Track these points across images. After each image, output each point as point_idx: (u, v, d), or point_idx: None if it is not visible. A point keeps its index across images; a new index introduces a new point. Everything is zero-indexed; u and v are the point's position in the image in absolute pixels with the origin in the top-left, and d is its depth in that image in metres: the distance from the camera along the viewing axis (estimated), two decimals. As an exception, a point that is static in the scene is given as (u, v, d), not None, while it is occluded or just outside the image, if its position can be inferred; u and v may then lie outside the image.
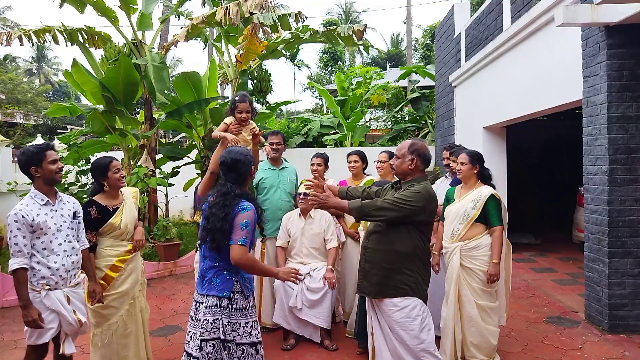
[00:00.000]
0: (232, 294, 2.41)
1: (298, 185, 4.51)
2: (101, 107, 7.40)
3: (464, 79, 8.29)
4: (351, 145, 12.84)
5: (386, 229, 2.91)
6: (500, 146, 7.51)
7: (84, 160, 7.37)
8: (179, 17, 18.53)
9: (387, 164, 4.25)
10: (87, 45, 7.66)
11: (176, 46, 7.67)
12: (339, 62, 30.50)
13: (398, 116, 14.70)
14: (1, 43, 6.89)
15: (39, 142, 2.95)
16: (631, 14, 3.92)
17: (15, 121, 19.37)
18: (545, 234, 9.11)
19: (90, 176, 7.33)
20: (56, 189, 2.92)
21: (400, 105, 14.48)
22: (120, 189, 3.29)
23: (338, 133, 13.34)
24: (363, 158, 4.46)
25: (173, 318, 4.97)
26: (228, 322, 2.38)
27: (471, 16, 8.38)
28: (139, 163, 7.42)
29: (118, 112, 7.25)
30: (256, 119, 8.72)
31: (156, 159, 7.81)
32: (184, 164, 8.36)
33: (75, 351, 2.93)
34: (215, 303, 2.39)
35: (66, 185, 6.95)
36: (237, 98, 3.41)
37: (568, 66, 4.94)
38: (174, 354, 3.95)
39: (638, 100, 4.28)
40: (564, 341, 4.17)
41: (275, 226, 4.31)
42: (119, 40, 14.69)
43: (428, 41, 24.07)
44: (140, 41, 7.71)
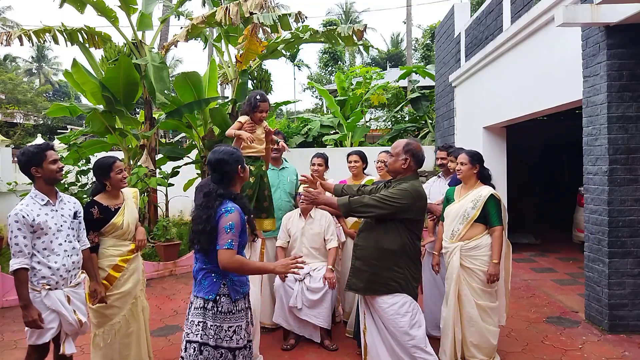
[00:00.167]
0: (218, 297, 2.37)
1: (298, 185, 4.51)
2: (101, 107, 7.40)
3: (464, 79, 8.29)
4: (351, 145, 12.85)
5: (375, 227, 2.95)
6: (500, 146, 7.51)
7: (84, 160, 7.37)
8: (179, 17, 18.58)
9: None
10: (87, 45, 7.67)
11: (176, 46, 7.68)
12: (339, 62, 30.52)
13: (398, 116, 14.71)
14: (1, 43, 6.90)
15: (39, 142, 2.95)
16: (631, 14, 3.92)
17: (15, 121, 19.37)
18: (545, 234, 9.11)
19: (90, 176, 7.39)
20: (56, 189, 2.93)
21: (400, 105, 14.49)
22: (121, 189, 3.30)
23: (338, 133, 13.34)
24: (363, 158, 4.46)
25: (173, 318, 4.97)
26: (211, 325, 2.35)
27: (471, 16, 8.39)
28: (139, 163, 7.42)
29: (118, 112, 7.26)
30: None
31: (156, 159, 7.82)
32: (184, 164, 8.36)
33: (75, 351, 2.93)
34: (201, 305, 2.39)
35: (66, 185, 6.95)
36: (258, 97, 3.33)
37: (568, 66, 4.94)
38: (174, 354, 3.95)
39: (638, 100, 4.28)
40: (564, 341, 4.18)
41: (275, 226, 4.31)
42: (119, 40, 14.69)
43: (428, 41, 24.08)
44: (140, 41, 7.71)
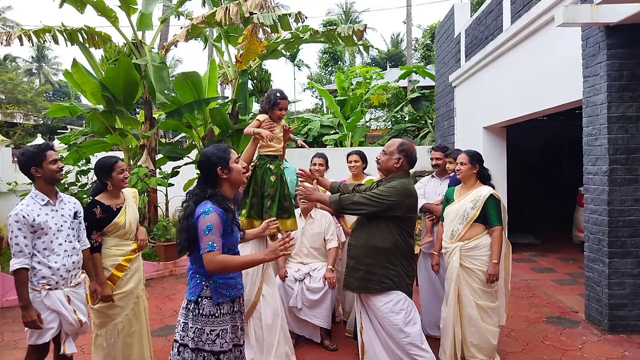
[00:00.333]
0: (200, 299, 2.34)
1: (298, 185, 4.51)
2: (101, 107, 7.40)
3: (464, 79, 8.29)
4: (351, 145, 12.85)
5: (367, 226, 2.99)
6: (500, 146, 7.51)
7: (84, 160, 7.38)
8: (179, 17, 18.56)
9: None
10: (87, 45, 7.67)
11: (176, 46, 7.68)
12: (339, 62, 30.52)
13: (398, 116, 14.71)
14: (1, 43, 6.90)
15: (39, 142, 2.95)
16: (631, 14, 3.92)
17: (15, 121, 19.36)
18: (545, 234, 9.11)
19: (90, 176, 7.39)
20: (57, 189, 2.93)
21: (400, 105, 14.50)
22: (122, 189, 3.31)
23: (338, 133, 13.34)
24: (363, 158, 4.46)
25: (173, 318, 4.97)
26: (191, 327, 2.32)
27: (471, 16, 8.38)
28: (139, 163, 7.42)
29: (118, 112, 7.26)
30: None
31: (156, 159, 7.82)
32: (184, 164, 8.36)
33: (75, 351, 2.93)
34: (185, 305, 2.39)
35: (66, 185, 6.95)
36: (278, 94, 3.27)
37: (568, 66, 4.94)
38: (174, 354, 3.95)
39: (638, 100, 4.28)
40: (564, 341, 4.18)
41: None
42: (119, 40, 14.69)
43: (428, 41, 24.08)
44: (140, 41, 7.71)
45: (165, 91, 7.30)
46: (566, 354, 3.91)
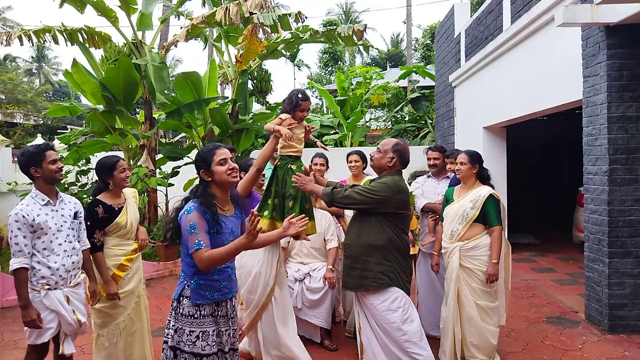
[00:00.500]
0: (181, 298, 2.33)
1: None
2: (101, 107, 7.40)
3: (464, 79, 8.29)
4: (351, 145, 12.85)
5: (361, 225, 3.01)
6: (500, 146, 7.51)
7: (84, 160, 7.38)
8: (179, 17, 18.57)
9: None
10: (87, 45, 7.67)
11: (176, 46, 7.68)
12: (339, 62, 30.51)
13: (398, 116, 14.72)
14: (1, 43, 6.90)
15: (39, 142, 2.95)
16: (631, 14, 3.92)
17: (15, 121, 19.37)
18: (545, 234, 9.11)
19: (90, 176, 7.39)
20: (57, 189, 2.93)
21: (400, 105, 14.50)
22: (123, 189, 3.31)
23: (338, 133, 13.35)
24: (363, 158, 4.46)
25: (173, 318, 4.97)
26: (173, 325, 2.32)
27: (471, 16, 8.39)
28: (139, 163, 7.42)
29: (118, 112, 7.26)
30: (256, 119, 8.76)
31: (156, 159, 7.81)
32: (184, 164, 8.35)
33: (74, 351, 2.93)
34: (171, 303, 2.39)
35: (66, 185, 6.95)
36: (300, 95, 3.18)
37: (568, 66, 4.94)
38: (174, 354, 3.95)
39: (638, 100, 4.28)
40: (564, 341, 4.18)
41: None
42: (119, 40, 14.70)
43: (428, 41, 24.08)
44: (140, 41, 7.71)
45: (165, 91, 7.30)
46: (566, 354, 3.91)
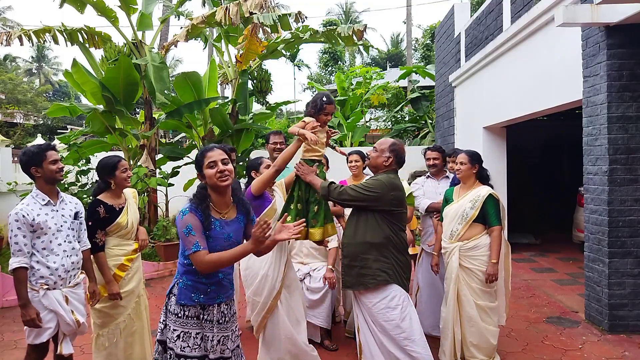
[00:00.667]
0: (170, 294, 2.35)
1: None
2: (101, 107, 7.40)
3: (464, 79, 8.29)
4: (351, 145, 12.85)
5: (358, 223, 3.03)
6: (500, 146, 7.51)
7: (84, 160, 7.37)
8: (179, 17, 18.58)
9: None
10: (87, 45, 7.66)
11: (176, 46, 7.68)
12: (339, 62, 30.51)
13: (398, 116, 14.72)
14: (1, 43, 6.90)
15: (40, 142, 2.95)
16: (631, 14, 3.92)
17: (15, 121, 19.37)
18: (545, 234, 9.11)
19: (90, 176, 7.39)
20: (58, 189, 2.93)
21: (400, 105, 14.51)
22: (123, 189, 3.31)
23: (338, 133, 13.34)
24: (363, 158, 4.46)
25: (173, 318, 4.97)
26: (163, 320, 2.36)
27: (471, 16, 8.39)
28: (139, 163, 7.42)
29: (118, 112, 7.26)
30: (256, 119, 8.76)
31: (156, 159, 7.81)
32: (184, 164, 8.35)
33: (72, 351, 2.93)
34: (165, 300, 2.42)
35: (66, 185, 6.95)
36: (325, 99, 3.14)
37: (568, 66, 4.94)
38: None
39: (638, 100, 4.28)
40: (564, 341, 4.18)
41: (275, 226, 4.30)
42: (119, 40, 14.70)
43: (428, 41, 24.08)
44: (140, 41, 7.71)
45: (165, 91, 7.30)
46: (566, 354, 3.91)
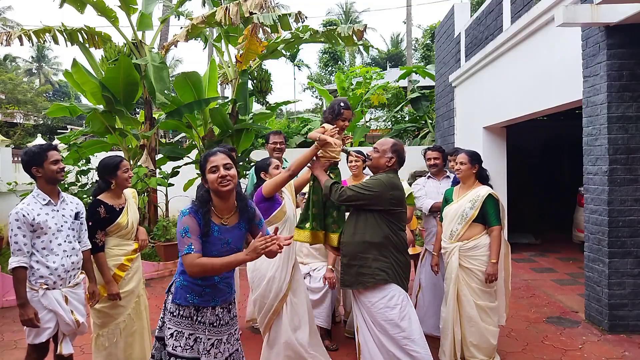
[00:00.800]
0: (169, 292, 2.37)
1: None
2: (101, 107, 7.40)
3: (464, 79, 8.29)
4: (351, 145, 12.85)
5: (357, 222, 3.04)
6: (500, 146, 7.51)
7: (84, 160, 7.37)
8: (179, 17, 18.57)
9: None
10: (87, 45, 7.66)
11: (176, 46, 7.68)
12: (339, 62, 30.52)
13: (398, 116, 14.72)
14: (1, 43, 6.89)
15: (41, 142, 2.96)
16: (631, 14, 3.92)
17: (15, 121, 19.35)
18: (545, 234, 9.11)
19: (90, 176, 7.39)
20: (59, 189, 2.93)
21: (400, 105, 14.51)
22: (124, 189, 3.31)
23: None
24: (363, 158, 4.46)
25: (173, 318, 4.97)
26: (162, 318, 2.38)
27: (471, 16, 8.38)
28: (139, 163, 7.42)
29: (118, 112, 7.25)
30: (256, 119, 8.76)
31: (156, 159, 7.81)
32: (184, 164, 8.36)
33: (72, 352, 2.93)
34: None
35: (66, 185, 6.95)
36: (342, 104, 3.17)
37: (568, 66, 4.94)
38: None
39: (638, 100, 4.28)
40: (564, 341, 4.18)
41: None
42: (119, 40, 14.69)
43: (428, 41, 24.09)
44: (140, 41, 7.71)
45: (165, 91, 7.29)
46: (566, 354, 3.91)
